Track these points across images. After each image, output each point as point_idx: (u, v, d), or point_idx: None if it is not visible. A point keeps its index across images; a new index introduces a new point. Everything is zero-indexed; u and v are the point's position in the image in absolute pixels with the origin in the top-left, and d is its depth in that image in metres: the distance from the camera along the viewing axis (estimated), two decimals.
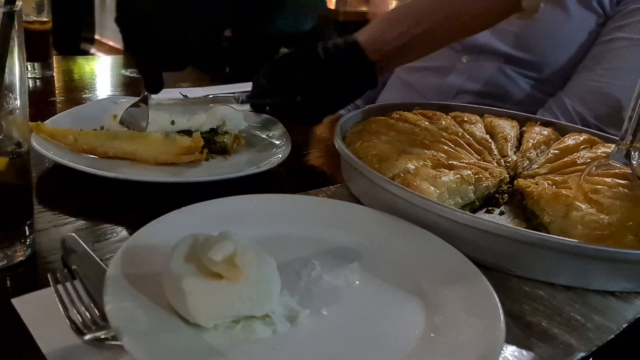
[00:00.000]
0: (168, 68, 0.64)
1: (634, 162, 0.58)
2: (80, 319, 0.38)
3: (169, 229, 0.46)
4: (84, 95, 1.00)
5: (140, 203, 0.60)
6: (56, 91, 1.02)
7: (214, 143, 0.74)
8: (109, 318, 0.35)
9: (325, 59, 0.74)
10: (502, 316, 0.40)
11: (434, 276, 0.47)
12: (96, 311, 0.39)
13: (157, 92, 0.67)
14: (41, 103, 0.93)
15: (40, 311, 0.40)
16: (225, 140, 0.74)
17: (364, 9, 3.39)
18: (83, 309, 0.39)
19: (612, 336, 0.45)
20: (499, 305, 0.41)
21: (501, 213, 0.65)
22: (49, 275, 0.41)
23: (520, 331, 0.44)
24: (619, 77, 0.99)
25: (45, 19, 1.01)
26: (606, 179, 0.61)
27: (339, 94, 0.78)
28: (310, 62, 0.75)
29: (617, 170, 0.62)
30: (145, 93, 0.72)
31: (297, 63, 0.75)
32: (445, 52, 1.13)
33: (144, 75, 0.66)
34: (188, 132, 0.72)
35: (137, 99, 0.78)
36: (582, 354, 0.42)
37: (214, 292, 0.37)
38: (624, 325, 0.46)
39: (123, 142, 0.67)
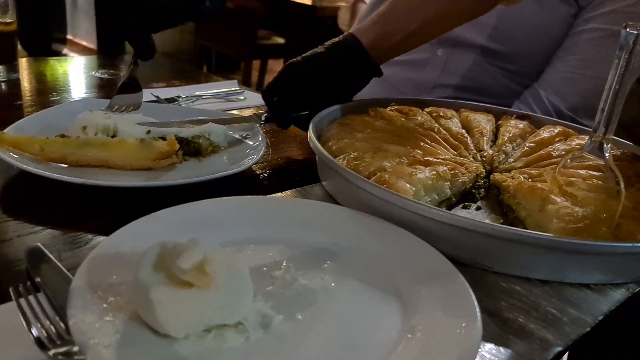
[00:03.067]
0: (156, 28, 0.61)
1: (606, 154, 0.58)
2: (45, 334, 0.36)
3: (137, 236, 0.45)
4: (52, 98, 0.97)
5: (111, 209, 0.58)
6: (26, 94, 0.99)
7: (187, 144, 0.72)
8: (73, 333, 0.34)
9: (331, 67, 0.76)
10: (479, 315, 0.40)
11: (410, 275, 0.46)
12: (62, 325, 0.37)
13: (150, 57, 0.64)
14: (7, 107, 0.90)
15: (3, 326, 0.38)
16: (200, 141, 0.73)
17: (342, 3, 3.39)
18: (48, 323, 0.37)
19: (588, 329, 0.45)
20: (476, 303, 0.41)
21: (478, 208, 0.64)
22: (10, 289, 0.39)
23: (497, 328, 0.44)
24: (591, 68, 1.00)
25: (10, 20, 0.98)
26: (580, 171, 0.61)
27: (349, 95, 0.82)
28: (317, 72, 0.76)
29: (591, 163, 0.62)
30: (132, 67, 0.68)
31: (304, 76, 0.76)
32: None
33: (132, 41, 0.63)
34: (163, 137, 0.70)
35: (108, 100, 0.76)
36: (559, 349, 0.42)
37: (183, 302, 0.36)
38: (600, 318, 0.47)
39: (96, 150, 0.64)
